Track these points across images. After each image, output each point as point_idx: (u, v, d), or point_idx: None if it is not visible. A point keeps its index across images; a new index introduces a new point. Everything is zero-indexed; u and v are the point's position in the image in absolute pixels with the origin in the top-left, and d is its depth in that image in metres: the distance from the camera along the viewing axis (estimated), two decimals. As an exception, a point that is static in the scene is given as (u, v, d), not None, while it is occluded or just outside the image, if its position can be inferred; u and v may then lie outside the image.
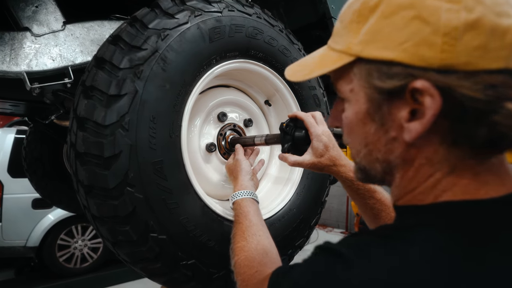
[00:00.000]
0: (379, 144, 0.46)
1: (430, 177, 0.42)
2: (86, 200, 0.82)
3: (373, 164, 0.48)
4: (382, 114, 0.43)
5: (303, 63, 0.55)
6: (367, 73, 0.43)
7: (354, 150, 0.51)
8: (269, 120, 1.33)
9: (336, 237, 7.11)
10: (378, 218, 0.86)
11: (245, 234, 0.76)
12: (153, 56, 0.83)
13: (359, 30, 0.43)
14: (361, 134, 0.47)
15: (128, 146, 0.78)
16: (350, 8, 0.46)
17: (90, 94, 0.81)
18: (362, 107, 0.45)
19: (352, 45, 0.44)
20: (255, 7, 1.13)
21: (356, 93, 0.46)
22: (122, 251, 0.84)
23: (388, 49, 0.40)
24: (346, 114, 0.49)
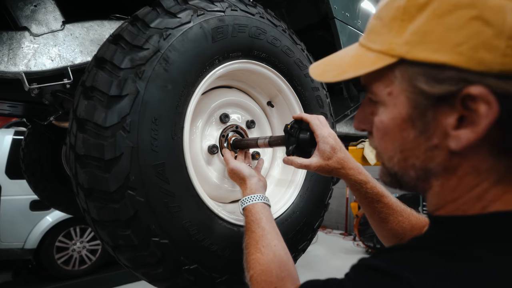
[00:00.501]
0: (417, 151, 0.43)
1: (476, 186, 0.40)
2: (86, 204, 0.80)
3: (407, 170, 0.46)
4: (426, 120, 0.41)
5: (332, 62, 0.51)
6: (412, 76, 0.40)
7: (386, 155, 0.48)
8: (271, 122, 1.31)
9: (336, 239, 7.10)
10: (385, 222, 0.84)
11: (259, 244, 0.72)
12: (155, 56, 0.81)
13: (403, 29, 0.40)
14: (397, 140, 0.45)
15: (129, 148, 0.76)
16: (392, 4, 0.42)
17: (91, 94, 0.79)
18: (402, 111, 0.42)
19: (395, 45, 0.40)
20: (258, 7, 1.12)
21: (396, 96, 0.43)
22: (123, 256, 0.82)
23: (441, 52, 0.37)
24: (380, 118, 0.46)
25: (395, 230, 0.83)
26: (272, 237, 0.74)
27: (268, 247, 0.71)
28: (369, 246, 5.89)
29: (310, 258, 5.36)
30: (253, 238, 0.74)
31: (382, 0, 0.46)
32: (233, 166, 0.96)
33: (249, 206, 0.83)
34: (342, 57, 0.50)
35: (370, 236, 5.84)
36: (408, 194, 5.77)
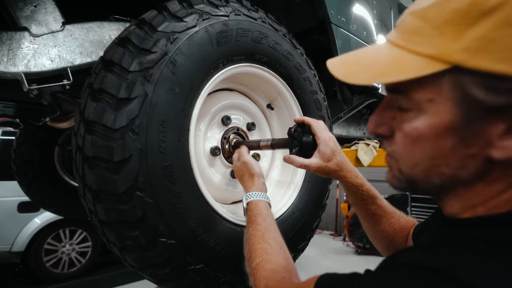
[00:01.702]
0: (452, 159, 0.42)
1: (504, 192, 0.41)
2: (93, 205, 0.81)
3: (431, 178, 0.45)
4: (471, 130, 0.39)
5: (357, 62, 0.47)
6: (468, 85, 0.38)
7: (410, 162, 0.46)
8: (271, 124, 1.33)
9: (326, 239, 7.16)
10: (378, 223, 0.88)
11: (265, 236, 0.73)
12: (163, 59, 0.83)
13: (461, 35, 0.37)
14: (429, 148, 0.43)
15: (138, 150, 0.77)
16: (446, 6, 0.39)
17: (99, 97, 0.79)
18: (445, 118, 0.40)
19: (451, 51, 0.37)
20: (259, 12, 1.14)
21: (439, 103, 0.41)
22: (130, 256, 0.83)
23: (505, 63, 0.35)
24: (414, 125, 0.43)
25: (387, 231, 0.87)
26: (277, 233, 0.76)
27: (274, 240, 0.73)
28: (359, 246, 5.97)
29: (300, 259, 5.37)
30: (259, 230, 0.75)
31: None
32: (247, 160, 0.97)
33: (255, 201, 0.85)
34: (371, 57, 0.47)
35: (359, 237, 5.92)
36: (397, 195, 5.87)
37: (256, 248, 0.71)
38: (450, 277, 0.37)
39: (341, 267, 5.15)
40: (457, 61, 0.37)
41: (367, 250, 5.84)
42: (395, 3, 2.50)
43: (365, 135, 2.95)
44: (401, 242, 0.86)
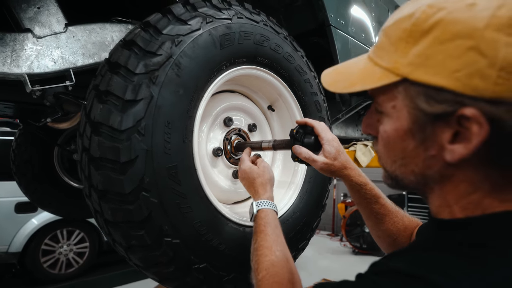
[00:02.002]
0: (417, 159, 0.47)
1: (472, 193, 0.44)
2: (99, 205, 0.82)
3: (407, 175, 0.50)
4: (425, 134, 0.45)
5: (342, 72, 0.54)
6: (414, 95, 0.43)
7: (388, 160, 0.52)
8: (271, 125, 1.35)
9: (323, 239, 7.19)
10: (381, 222, 0.89)
11: (273, 248, 0.74)
12: (168, 62, 0.84)
13: (408, 51, 0.43)
14: (398, 148, 0.49)
15: (144, 151, 0.79)
16: (399, 25, 0.45)
17: (105, 98, 0.81)
18: (404, 124, 0.46)
19: (400, 65, 0.44)
20: (261, 14, 1.16)
21: (398, 110, 0.46)
22: (136, 256, 0.84)
23: (440, 76, 0.40)
24: (384, 128, 0.50)
25: (390, 230, 0.88)
26: (284, 245, 0.77)
27: (282, 252, 0.74)
28: (356, 246, 6.00)
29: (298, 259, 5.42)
30: (268, 241, 0.76)
31: (391, 17, 0.49)
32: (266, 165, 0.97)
33: (266, 209, 0.85)
34: (352, 68, 0.53)
35: (356, 237, 5.95)
36: (394, 195, 5.92)
37: (263, 260, 0.72)
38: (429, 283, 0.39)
39: (338, 267, 5.19)
40: (404, 74, 0.43)
41: (364, 250, 5.87)
42: (392, 5, 2.53)
43: (363, 136, 2.98)
44: (404, 241, 0.87)
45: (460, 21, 0.39)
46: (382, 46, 0.48)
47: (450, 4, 0.41)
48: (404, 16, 0.45)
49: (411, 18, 0.43)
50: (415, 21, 0.43)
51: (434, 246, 0.47)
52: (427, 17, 0.42)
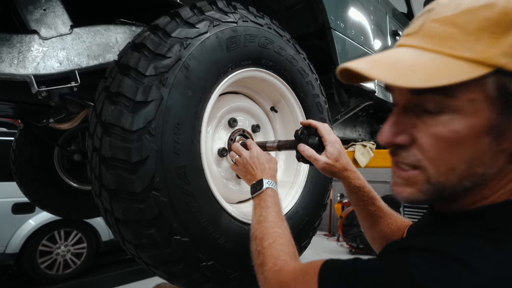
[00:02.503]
0: (485, 157, 0.44)
1: (510, 183, 0.46)
2: (109, 204, 0.84)
3: (464, 180, 0.46)
4: (506, 125, 0.43)
5: (401, 64, 0.45)
6: (508, 84, 0.42)
7: (446, 167, 0.46)
8: (274, 126, 1.38)
9: (320, 239, 7.23)
10: (377, 224, 0.93)
11: (279, 223, 0.77)
12: (177, 64, 0.86)
13: (498, 41, 0.41)
14: (469, 149, 0.44)
15: (154, 151, 0.81)
16: (476, 14, 0.42)
17: (115, 100, 0.83)
18: (485, 117, 0.43)
19: (493, 55, 0.41)
20: (265, 18, 1.18)
21: (478, 103, 0.43)
22: (146, 254, 0.86)
23: None
24: (452, 127, 0.44)
25: (384, 231, 0.92)
26: (286, 223, 0.80)
27: (286, 228, 0.77)
28: (353, 246, 6.05)
29: (296, 259, 5.45)
30: (274, 216, 0.79)
31: (450, 5, 0.45)
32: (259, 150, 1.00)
33: (274, 189, 0.88)
34: (411, 60, 0.45)
35: (353, 237, 6.00)
36: (389, 196, 5.96)
37: (270, 231, 0.74)
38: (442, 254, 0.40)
39: (335, 266, 5.21)
40: (499, 64, 0.41)
41: (360, 250, 5.92)
42: (389, 8, 2.58)
43: (360, 137, 3.02)
44: None
45: None
46: (450, 36, 0.43)
47: None
48: (479, 5, 0.43)
49: (494, 8, 0.42)
50: (502, 10, 0.41)
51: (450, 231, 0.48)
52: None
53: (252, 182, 0.93)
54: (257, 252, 0.72)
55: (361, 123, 3.01)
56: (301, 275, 0.57)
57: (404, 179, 0.51)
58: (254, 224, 0.80)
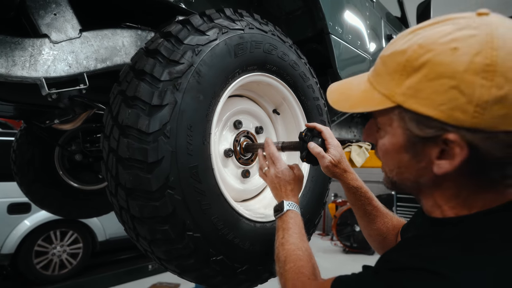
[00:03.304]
0: (411, 169, 0.57)
1: (458, 197, 0.55)
2: (126, 202, 0.88)
3: (403, 181, 0.60)
4: (416, 150, 0.54)
5: (345, 92, 0.63)
6: (407, 119, 0.52)
7: (387, 167, 0.62)
8: (276, 128, 1.43)
9: (314, 239, 7.31)
10: (373, 222, 1.00)
11: (300, 245, 0.83)
12: (189, 70, 0.91)
13: (401, 82, 0.52)
14: (395, 159, 0.58)
15: (169, 152, 0.86)
16: (395, 58, 0.53)
17: (132, 103, 0.87)
18: (399, 140, 0.55)
19: (396, 94, 0.52)
20: (269, 25, 1.24)
21: (394, 128, 0.56)
22: (160, 249, 0.90)
23: (428, 107, 0.49)
24: (383, 142, 0.59)
25: (381, 229, 0.99)
26: (308, 244, 0.86)
27: (306, 249, 0.82)
28: (346, 245, 6.14)
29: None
30: (295, 238, 0.85)
31: (389, 46, 0.56)
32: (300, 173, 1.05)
33: (295, 211, 0.94)
34: (353, 89, 0.61)
35: (347, 236, 6.10)
36: (383, 195, 6.09)
37: (291, 254, 0.80)
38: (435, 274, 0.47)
39: (329, 265, 5.30)
40: (399, 102, 0.52)
41: (354, 249, 6.01)
42: (384, 13, 2.65)
43: (355, 137, 3.09)
44: (392, 239, 0.98)
45: (444, 63, 0.47)
46: (380, 73, 0.56)
47: (437, 46, 0.49)
48: (399, 50, 0.53)
49: (405, 55, 0.51)
50: (408, 57, 0.51)
51: (433, 241, 0.56)
52: (418, 56, 0.50)
53: (277, 200, 1.00)
54: (280, 274, 0.80)
55: (356, 124, 3.09)
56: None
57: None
58: (277, 246, 0.86)
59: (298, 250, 0.81)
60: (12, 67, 1.14)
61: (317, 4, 1.60)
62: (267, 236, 1.10)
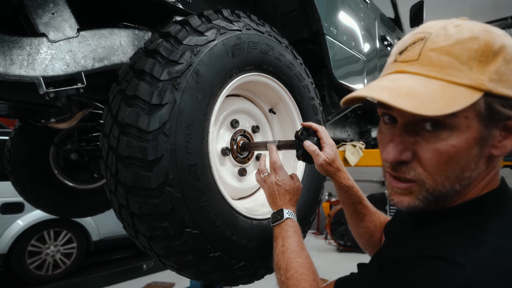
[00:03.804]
0: (473, 163, 0.53)
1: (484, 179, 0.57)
2: (125, 199, 0.90)
3: (455, 185, 0.54)
4: (490, 136, 0.52)
5: (417, 93, 0.51)
6: (493, 103, 0.50)
7: (442, 177, 0.54)
8: (272, 127, 1.46)
9: (308, 237, 7.35)
10: (363, 220, 1.04)
11: (300, 253, 0.84)
12: (188, 70, 0.93)
13: (483, 69, 0.49)
14: (463, 159, 0.52)
15: (168, 150, 0.87)
16: (465, 45, 0.50)
17: (132, 102, 0.89)
18: (476, 130, 0.51)
19: (483, 81, 0.49)
20: (266, 25, 1.26)
21: (470, 119, 0.51)
22: (158, 245, 0.92)
23: (510, 89, 0.50)
24: (451, 143, 0.51)
25: (369, 227, 1.03)
26: (307, 252, 0.87)
27: (307, 257, 0.84)
28: (340, 244, 6.20)
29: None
30: (295, 246, 0.86)
31: (439, 36, 0.53)
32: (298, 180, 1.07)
33: (294, 219, 0.96)
34: (424, 89, 0.51)
35: (341, 235, 6.15)
36: (376, 194, 6.15)
37: (292, 261, 0.81)
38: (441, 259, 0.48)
39: (323, 264, 5.35)
40: (488, 89, 0.49)
41: (348, 248, 6.07)
42: (378, 14, 2.69)
43: (349, 137, 3.13)
44: (379, 236, 1.02)
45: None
46: (449, 65, 0.51)
47: (499, 31, 0.52)
48: (467, 38, 0.51)
49: (477, 40, 0.50)
50: (486, 42, 0.50)
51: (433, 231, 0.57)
52: (494, 40, 0.50)
53: (274, 208, 1.01)
54: (282, 282, 0.80)
55: (350, 124, 3.13)
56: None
57: (402, 189, 0.58)
58: (277, 254, 0.87)
59: (299, 258, 0.82)
60: (10, 66, 1.14)
61: (313, 6, 1.63)
62: (263, 233, 1.12)
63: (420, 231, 0.61)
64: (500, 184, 0.59)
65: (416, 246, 0.55)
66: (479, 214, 0.55)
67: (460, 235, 0.52)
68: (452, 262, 0.48)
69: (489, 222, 0.53)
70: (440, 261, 0.49)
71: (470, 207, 0.57)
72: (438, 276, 0.47)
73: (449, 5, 6.75)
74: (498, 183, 0.59)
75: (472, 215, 0.55)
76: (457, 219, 0.56)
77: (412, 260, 0.52)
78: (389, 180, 0.61)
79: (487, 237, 0.50)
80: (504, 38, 0.51)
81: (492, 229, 0.51)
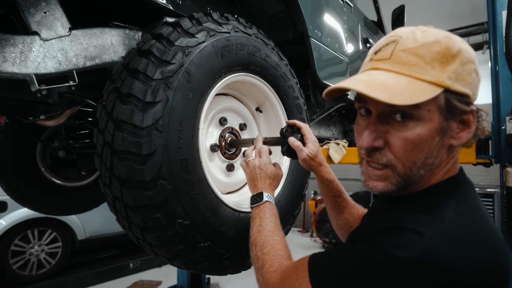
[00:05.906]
0: (434, 152, 0.62)
1: (445, 166, 0.66)
2: (120, 192, 0.95)
3: (420, 170, 0.63)
4: (448, 128, 0.61)
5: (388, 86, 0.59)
6: (450, 99, 0.59)
7: (410, 162, 0.62)
8: (259, 125, 1.52)
9: (294, 235, 7.47)
10: (342, 213, 1.12)
11: (276, 232, 0.90)
12: (180, 70, 0.99)
13: (443, 69, 0.58)
14: (426, 147, 0.61)
15: (161, 145, 0.93)
16: (430, 48, 0.59)
17: (126, 100, 0.93)
18: (436, 123, 0.60)
19: (443, 79, 0.58)
20: (253, 28, 1.32)
21: (433, 112, 0.59)
22: (151, 235, 0.97)
23: (466, 87, 0.60)
24: (417, 132, 0.60)
25: (348, 219, 1.12)
26: (283, 232, 0.94)
27: (282, 236, 0.90)
28: (326, 241, 6.33)
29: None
30: (272, 226, 0.92)
31: (406, 42, 0.61)
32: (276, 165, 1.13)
33: (272, 203, 1.02)
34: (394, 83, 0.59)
35: (326, 232, 6.29)
36: (360, 192, 6.31)
37: (269, 239, 0.87)
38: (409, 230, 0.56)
39: (309, 260, 5.46)
40: (447, 86, 0.58)
41: (333, 244, 6.21)
42: (361, 17, 2.80)
43: (334, 136, 3.23)
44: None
45: (469, 51, 0.61)
46: (415, 64, 0.59)
47: (457, 38, 0.62)
48: (430, 41, 0.60)
49: (440, 44, 0.59)
50: (446, 46, 0.59)
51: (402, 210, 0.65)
52: (452, 45, 0.59)
53: (254, 191, 1.06)
54: (257, 257, 0.85)
55: (335, 123, 3.23)
56: (293, 271, 0.71)
57: (377, 176, 0.67)
58: (254, 233, 0.93)
59: (275, 236, 0.88)
60: (2, 63, 1.17)
61: (298, 9, 1.70)
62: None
63: (390, 211, 0.70)
64: (459, 172, 0.69)
65: (386, 221, 0.63)
66: (439, 196, 0.64)
67: (423, 212, 0.60)
68: (415, 231, 0.56)
69: (447, 202, 0.61)
70: (405, 231, 0.57)
71: (433, 190, 0.65)
72: (403, 241, 0.55)
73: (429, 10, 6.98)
74: (457, 171, 0.68)
75: (434, 197, 0.64)
76: (422, 200, 0.64)
77: (381, 231, 0.60)
78: (365, 167, 0.69)
79: (445, 213, 0.59)
80: (462, 44, 0.61)
81: (449, 207, 0.60)
